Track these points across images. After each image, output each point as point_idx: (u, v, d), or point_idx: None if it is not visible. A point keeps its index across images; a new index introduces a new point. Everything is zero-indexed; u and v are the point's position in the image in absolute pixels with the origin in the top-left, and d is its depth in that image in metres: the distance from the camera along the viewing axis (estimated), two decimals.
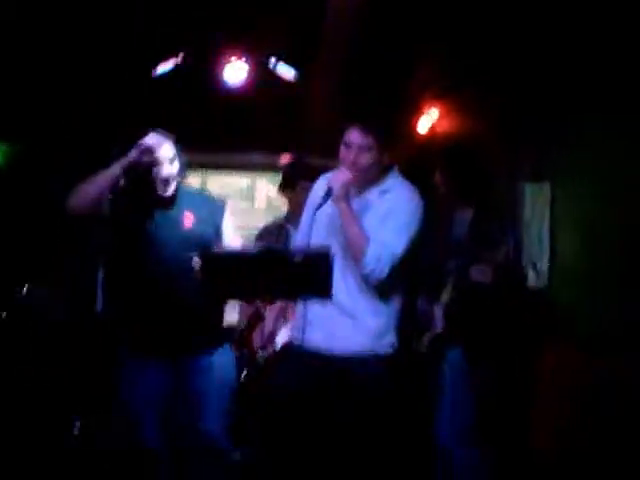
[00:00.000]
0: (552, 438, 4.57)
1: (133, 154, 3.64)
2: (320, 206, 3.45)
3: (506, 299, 4.19)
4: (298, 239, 3.70)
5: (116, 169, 3.62)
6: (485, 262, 4.05)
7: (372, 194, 3.55)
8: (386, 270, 3.41)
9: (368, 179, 3.52)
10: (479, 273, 4.07)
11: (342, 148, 3.49)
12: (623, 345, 4.21)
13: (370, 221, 3.47)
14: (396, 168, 3.61)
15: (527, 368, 4.65)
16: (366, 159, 3.46)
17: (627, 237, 4.36)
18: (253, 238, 4.87)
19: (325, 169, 3.69)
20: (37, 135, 5.67)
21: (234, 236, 3.89)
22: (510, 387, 4.46)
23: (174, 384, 3.80)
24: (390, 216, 3.48)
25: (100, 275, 4.03)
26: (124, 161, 3.63)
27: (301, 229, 3.68)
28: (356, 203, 3.50)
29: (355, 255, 3.42)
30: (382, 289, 3.49)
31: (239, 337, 4.61)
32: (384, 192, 3.54)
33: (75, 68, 5.44)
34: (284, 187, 4.84)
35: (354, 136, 3.45)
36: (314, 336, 3.49)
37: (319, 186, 3.64)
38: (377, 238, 3.42)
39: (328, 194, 3.43)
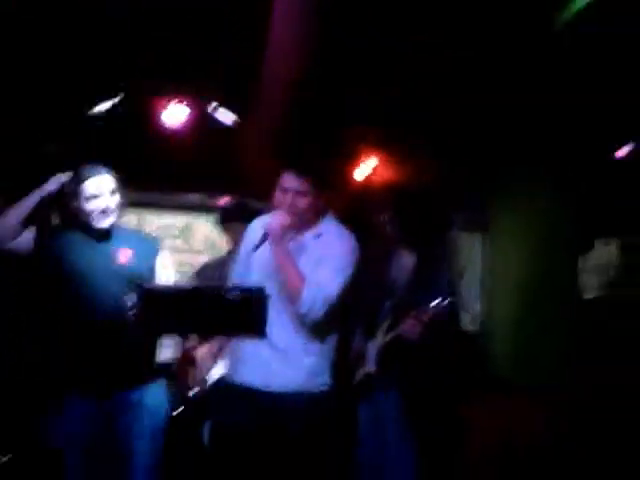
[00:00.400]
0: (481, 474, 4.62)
1: (50, 185, 3.65)
2: (257, 247, 3.49)
3: (435, 352, 4.25)
4: (233, 278, 3.72)
5: (32, 199, 3.62)
6: (415, 317, 4.08)
7: (307, 237, 3.61)
8: (321, 311, 3.46)
9: (304, 223, 3.58)
10: (409, 327, 4.10)
11: (278, 193, 3.54)
12: (550, 388, 4.29)
13: (305, 264, 3.52)
14: (331, 213, 3.67)
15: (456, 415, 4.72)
16: (302, 203, 3.52)
17: (551, 285, 4.47)
18: (190, 276, 4.87)
19: (260, 212, 3.75)
20: None
21: (168, 275, 3.88)
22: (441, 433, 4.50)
23: (103, 421, 3.74)
24: (325, 259, 3.53)
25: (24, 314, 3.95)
26: (40, 191, 3.64)
27: (236, 269, 3.71)
28: (291, 246, 3.54)
29: (291, 296, 3.46)
30: (317, 329, 3.53)
31: (172, 374, 4.58)
32: (318, 235, 3.61)
33: (16, 98, 5.40)
34: (223, 223, 4.89)
35: (290, 181, 3.51)
36: (248, 373, 3.51)
37: (254, 228, 3.68)
38: (313, 280, 3.47)
39: (265, 236, 3.47)
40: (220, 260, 4.88)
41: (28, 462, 4.52)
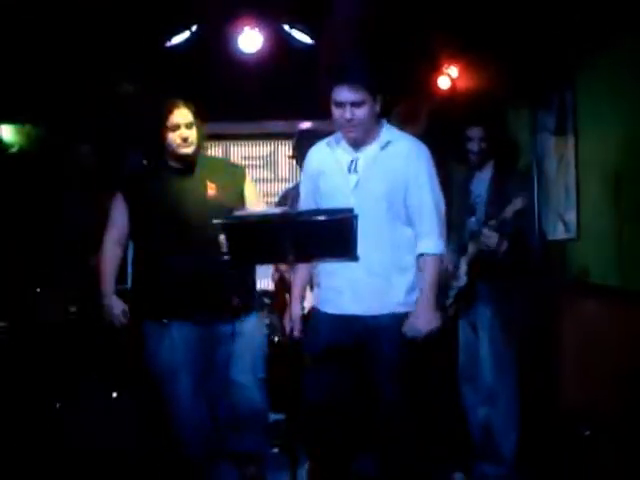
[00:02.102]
0: (579, 389, 4.54)
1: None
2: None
3: (517, 259, 4.18)
4: (303, 202, 3.71)
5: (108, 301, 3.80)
6: (492, 226, 4.09)
7: (373, 150, 3.55)
8: (444, 232, 3.55)
9: (366, 134, 3.53)
10: (486, 238, 4.10)
11: (334, 109, 3.50)
12: None
13: (380, 176, 3.50)
14: (385, 121, 3.61)
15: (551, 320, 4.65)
16: (361, 114, 3.46)
17: None
18: (276, 202, 4.86)
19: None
20: (53, 114, 5.67)
21: (257, 201, 3.88)
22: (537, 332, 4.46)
23: (207, 352, 3.80)
24: (416, 179, 3.51)
25: (130, 251, 4.02)
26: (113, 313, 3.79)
27: (302, 198, 3.71)
28: (360, 160, 3.52)
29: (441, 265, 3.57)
30: (411, 245, 3.52)
31: (271, 303, 4.63)
32: (386, 145, 3.55)
33: (88, 41, 5.42)
34: (298, 155, 4.83)
35: (344, 94, 3.45)
36: (344, 304, 3.51)
37: (315, 153, 3.67)
38: (422, 223, 3.50)
39: None
40: (297, 190, 4.85)
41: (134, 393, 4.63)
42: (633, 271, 4.40)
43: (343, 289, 3.51)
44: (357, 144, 3.55)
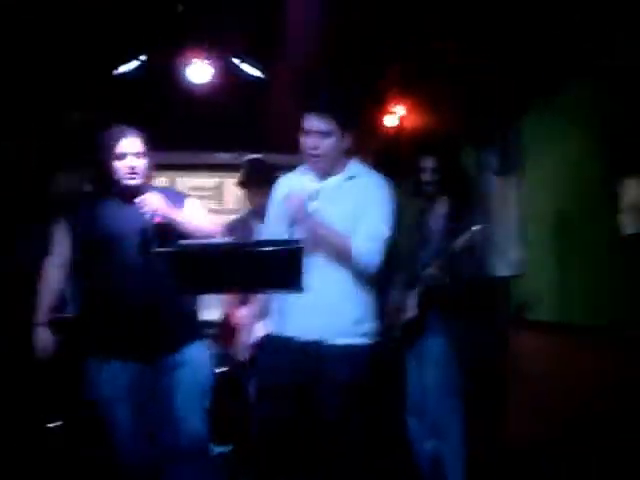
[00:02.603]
0: (526, 421, 4.59)
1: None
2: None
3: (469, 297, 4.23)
4: (265, 233, 3.70)
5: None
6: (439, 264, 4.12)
7: (339, 180, 3.58)
8: (377, 261, 3.49)
9: (332, 165, 3.55)
10: (429, 278, 4.15)
11: (302, 137, 3.51)
12: (590, 331, 4.23)
13: (341, 207, 3.50)
14: (356, 158, 3.63)
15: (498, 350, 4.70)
16: (327, 144, 3.48)
17: (593, 226, 4.39)
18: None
19: (289, 168, 3.72)
20: None
21: (197, 215, 3.79)
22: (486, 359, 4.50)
23: (148, 383, 3.74)
24: (366, 206, 3.51)
25: (68, 279, 3.94)
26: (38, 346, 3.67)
27: (267, 224, 3.70)
28: (324, 189, 3.52)
29: (345, 258, 3.46)
30: (363, 279, 3.52)
31: (217, 333, 4.59)
32: (350, 178, 3.57)
33: (36, 66, 5.36)
34: (246, 184, 4.84)
35: (312, 122, 3.47)
36: (293, 326, 3.49)
37: (281, 186, 3.66)
38: (362, 233, 3.47)
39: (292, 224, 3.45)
40: (243, 217, 4.86)
41: (74, 427, 4.56)
42: (573, 306, 4.49)
43: (293, 313, 3.50)
44: (323, 174, 3.56)
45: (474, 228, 4.01)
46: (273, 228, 3.64)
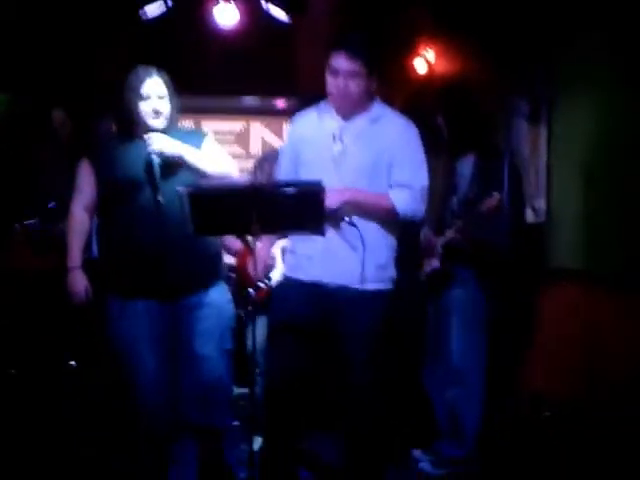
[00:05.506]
0: (548, 374, 4.57)
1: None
2: None
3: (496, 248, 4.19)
4: (279, 173, 3.68)
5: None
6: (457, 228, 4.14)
7: (363, 122, 3.52)
8: (423, 207, 3.50)
9: (356, 106, 3.49)
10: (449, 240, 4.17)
11: (328, 77, 3.45)
12: (621, 282, 4.18)
13: (366, 149, 3.46)
14: (378, 98, 3.58)
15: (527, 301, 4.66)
16: (355, 86, 3.42)
17: (624, 175, 4.31)
18: (250, 170, 4.81)
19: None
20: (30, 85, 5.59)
21: (214, 157, 3.76)
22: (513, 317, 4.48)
23: (169, 323, 3.75)
24: (401, 151, 3.48)
25: (95, 221, 3.94)
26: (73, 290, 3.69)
27: (281, 164, 3.68)
28: (349, 132, 3.47)
29: (389, 216, 3.47)
30: (390, 224, 3.51)
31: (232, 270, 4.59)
32: (375, 120, 3.52)
33: (64, 16, 5.34)
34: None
35: (340, 62, 3.41)
36: (314, 270, 3.48)
37: (298, 125, 3.63)
38: (398, 181, 3.45)
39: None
40: (276, 154, 4.81)
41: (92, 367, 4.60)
42: (600, 256, 4.43)
43: (314, 255, 3.47)
44: (346, 115, 3.50)
45: (496, 194, 3.97)
46: (285, 169, 3.60)
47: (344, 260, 3.46)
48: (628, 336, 4.05)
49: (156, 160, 3.60)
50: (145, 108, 3.67)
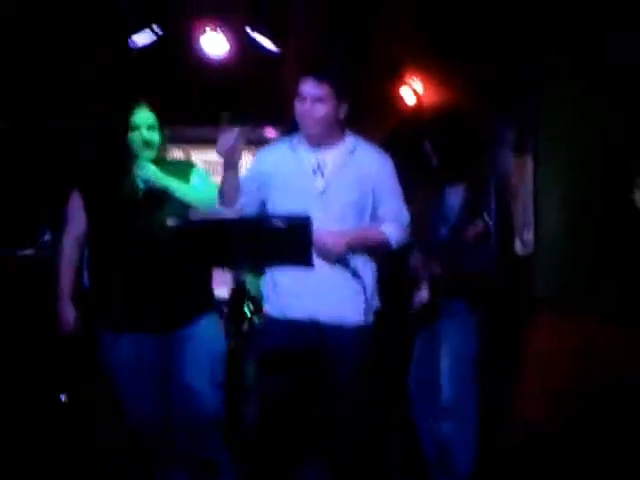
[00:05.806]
0: (540, 404, 4.56)
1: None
2: None
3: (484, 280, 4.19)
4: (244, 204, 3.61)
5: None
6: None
7: (339, 153, 3.51)
8: (406, 239, 3.58)
9: (326, 134, 3.47)
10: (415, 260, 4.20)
11: (296, 103, 3.46)
12: (602, 312, 4.19)
13: (346, 180, 3.46)
14: (348, 129, 3.57)
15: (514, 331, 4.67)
16: (321, 110, 3.41)
17: (607, 206, 4.34)
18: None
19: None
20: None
21: (200, 187, 3.78)
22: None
23: (160, 356, 3.74)
24: (383, 186, 3.51)
25: (85, 251, 3.95)
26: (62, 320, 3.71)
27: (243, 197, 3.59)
28: (326, 163, 3.47)
29: (382, 248, 3.54)
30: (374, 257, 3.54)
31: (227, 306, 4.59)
32: (352, 151, 3.52)
33: (50, 43, 5.36)
34: None
35: (308, 87, 3.42)
36: (305, 307, 3.47)
37: (264, 158, 3.63)
38: (386, 216, 3.49)
39: None
40: None
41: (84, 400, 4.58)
42: (587, 289, 4.44)
43: (303, 293, 3.45)
44: (319, 144, 3.49)
45: (486, 218, 3.98)
46: (246, 203, 3.54)
47: (340, 295, 3.46)
48: (617, 365, 4.06)
49: (143, 187, 3.62)
50: (134, 138, 3.69)
